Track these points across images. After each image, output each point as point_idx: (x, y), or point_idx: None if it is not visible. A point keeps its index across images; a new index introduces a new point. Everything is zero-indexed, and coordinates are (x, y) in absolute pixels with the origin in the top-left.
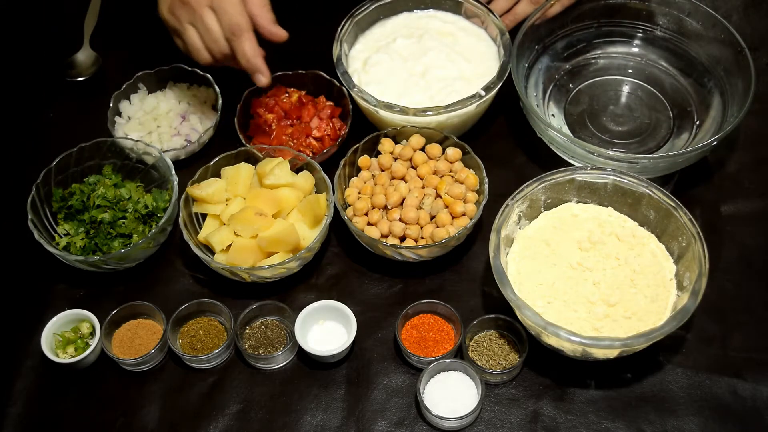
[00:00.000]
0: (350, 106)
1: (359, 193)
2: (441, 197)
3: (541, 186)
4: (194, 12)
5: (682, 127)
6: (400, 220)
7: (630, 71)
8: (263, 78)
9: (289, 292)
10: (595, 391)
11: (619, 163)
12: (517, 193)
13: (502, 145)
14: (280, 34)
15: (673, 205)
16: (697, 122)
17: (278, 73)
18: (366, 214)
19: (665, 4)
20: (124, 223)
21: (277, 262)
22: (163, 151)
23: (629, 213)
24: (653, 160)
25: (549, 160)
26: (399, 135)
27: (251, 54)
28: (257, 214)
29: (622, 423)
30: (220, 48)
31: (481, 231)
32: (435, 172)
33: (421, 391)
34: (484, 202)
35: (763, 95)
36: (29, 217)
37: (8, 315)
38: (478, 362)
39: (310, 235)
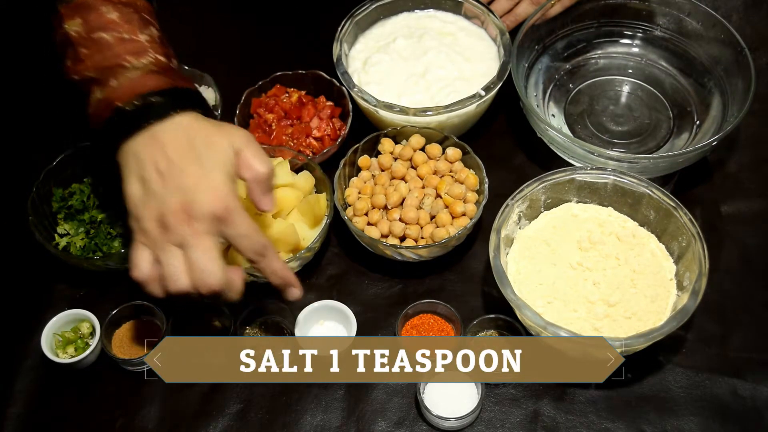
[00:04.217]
0: (350, 106)
1: (359, 193)
2: (441, 197)
3: (541, 186)
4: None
5: (682, 127)
6: (400, 220)
7: (630, 71)
8: (297, 290)
9: None
10: (595, 391)
11: (619, 163)
12: (517, 193)
13: (502, 145)
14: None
15: (673, 205)
16: (697, 122)
17: (278, 73)
18: (366, 214)
19: (665, 4)
20: (124, 223)
21: None
22: None
23: (629, 213)
24: (653, 160)
25: (549, 160)
26: (399, 135)
27: (282, 268)
28: (257, 214)
29: (622, 423)
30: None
31: (481, 231)
32: (435, 172)
33: (421, 391)
34: (484, 202)
35: (763, 95)
36: (29, 217)
37: (8, 315)
38: None
39: (310, 235)
